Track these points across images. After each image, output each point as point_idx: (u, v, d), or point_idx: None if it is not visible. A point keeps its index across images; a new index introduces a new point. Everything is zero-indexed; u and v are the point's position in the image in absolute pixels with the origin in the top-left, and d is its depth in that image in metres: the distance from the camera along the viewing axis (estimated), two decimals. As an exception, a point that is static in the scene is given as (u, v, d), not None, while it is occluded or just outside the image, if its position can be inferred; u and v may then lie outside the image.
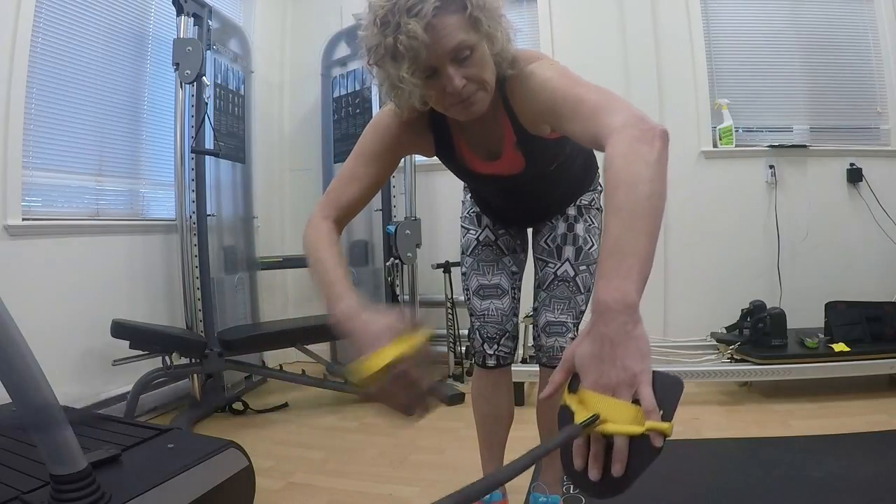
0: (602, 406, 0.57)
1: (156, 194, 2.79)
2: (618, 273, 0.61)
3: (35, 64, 2.12)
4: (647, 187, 0.65)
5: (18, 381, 0.98)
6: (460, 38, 0.83)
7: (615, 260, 0.62)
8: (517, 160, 1.06)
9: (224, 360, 2.39)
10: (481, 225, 1.38)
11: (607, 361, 0.59)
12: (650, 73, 3.03)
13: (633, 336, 0.59)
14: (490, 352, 1.36)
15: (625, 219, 0.64)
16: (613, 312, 0.60)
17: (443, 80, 0.85)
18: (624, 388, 0.57)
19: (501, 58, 0.90)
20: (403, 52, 0.81)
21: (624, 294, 0.60)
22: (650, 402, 0.56)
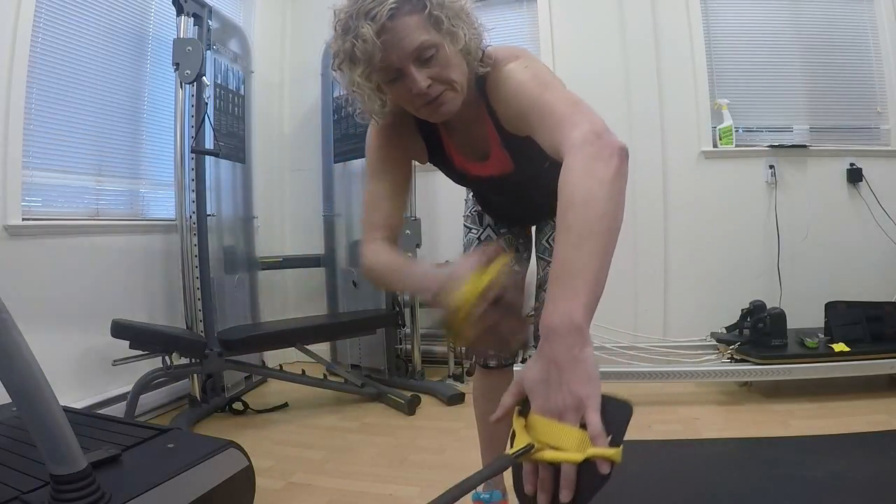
0: (547, 431, 0.56)
1: (156, 194, 2.79)
2: (564, 295, 0.60)
3: (35, 64, 2.12)
4: (600, 206, 0.63)
5: (18, 381, 0.98)
6: (421, 39, 0.82)
7: (562, 282, 0.61)
8: (505, 160, 1.06)
9: (224, 360, 2.39)
10: (483, 224, 1.38)
11: (553, 385, 0.57)
12: (650, 74, 3.03)
13: (579, 359, 0.57)
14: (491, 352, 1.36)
15: (573, 239, 0.62)
16: (559, 335, 0.58)
17: (407, 81, 0.85)
18: (570, 413, 0.56)
19: (470, 55, 0.89)
20: (359, 55, 0.81)
21: (569, 316, 0.58)
22: (596, 428, 0.54)
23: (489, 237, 1.37)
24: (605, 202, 0.63)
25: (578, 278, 0.60)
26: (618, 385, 2.58)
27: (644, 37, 3.04)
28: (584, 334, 0.59)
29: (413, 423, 2.36)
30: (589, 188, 0.64)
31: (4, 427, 1.55)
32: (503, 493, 1.47)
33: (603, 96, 2.99)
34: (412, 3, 0.82)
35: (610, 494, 1.74)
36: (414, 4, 0.82)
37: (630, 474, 1.71)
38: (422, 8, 0.82)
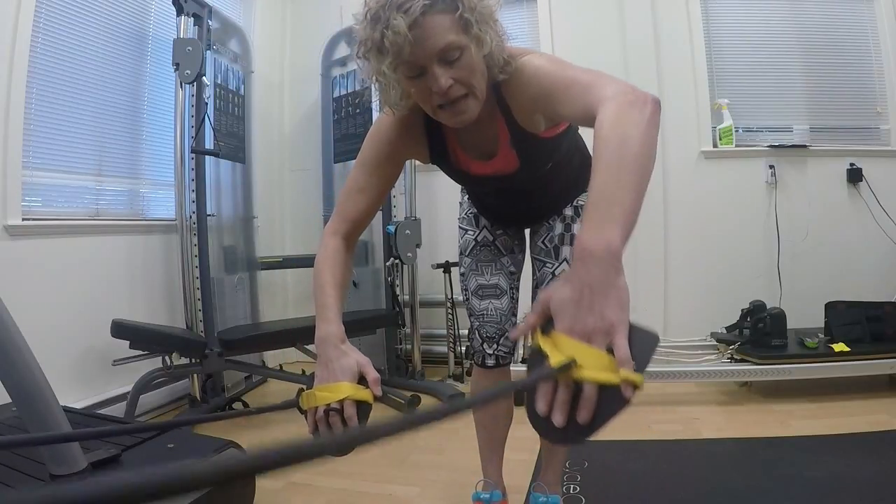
0: (576, 351, 0.55)
1: (156, 194, 2.79)
2: (602, 220, 0.59)
3: (35, 64, 2.12)
4: (636, 146, 0.64)
5: (18, 381, 0.98)
6: (449, 40, 0.83)
7: (601, 208, 0.61)
8: (512, 159, 1.06)
9: (224, 360, 2.39)
10: (479, 226, 1.39)
11: (585, 308, 0.57)
12: (650, 74, 3.02)
13: (614, 285, 0.57)
14: (489, 351, 1.36)
15: (612, 172, 0.63)
16: (596, 259, 0.57)
17: (429, 79, 0.85)
18: (599, 336, 0.56)
19: (492, 62, 0.90)
20: (388, 46, 0.81)
21: (608, 241, 0.58)
22: (625, 353, 0.54)
23: (485, 238, 1.37)
24: (640, 145, 0.65)
25: (616, 207, 0.60)
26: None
27: (644, 37, 3.04)
28: (620, 261, 0.58)
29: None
30: (625, 130, 0.66)
31: (4, 427, 1.55)
32: (503, 493, 1.47)
33: (603, 96, 2.99)
34: (445, 1, 0.82)
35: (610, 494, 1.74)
36: (447, 4, 0.82)
37: (630, 474, 1.71)
38: (454, 9, 0.83)
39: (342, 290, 0.96)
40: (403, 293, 2.99)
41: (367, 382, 0.85)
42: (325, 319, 0.90)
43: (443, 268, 2.96)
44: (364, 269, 3.06)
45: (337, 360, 0.85)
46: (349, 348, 0.87)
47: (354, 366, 0.84)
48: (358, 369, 0.84)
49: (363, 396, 0.82)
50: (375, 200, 1.05)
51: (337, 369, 0.84)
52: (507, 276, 1.37)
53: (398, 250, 2.71)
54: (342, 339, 0.88)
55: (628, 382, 0.52)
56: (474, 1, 0.84)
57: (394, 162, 1.06)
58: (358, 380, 0.84)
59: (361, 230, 1.06)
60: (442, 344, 3.06)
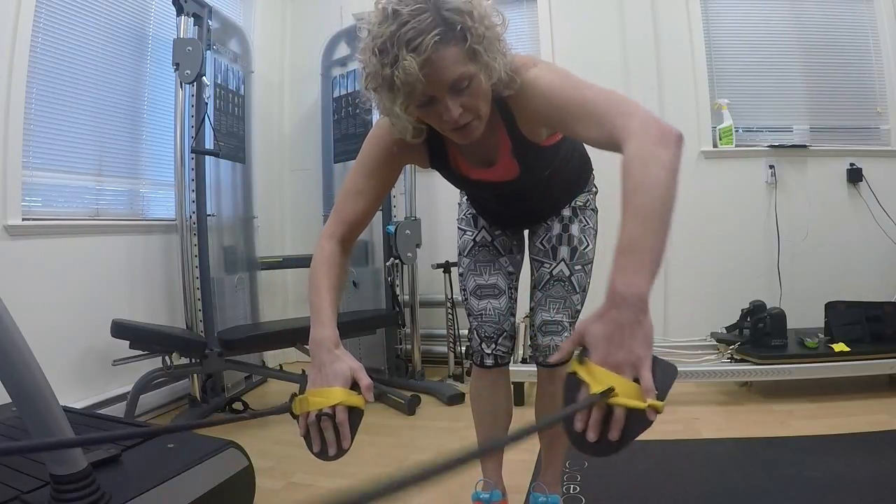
0: (609, 380, 0.65)
1: (156, 194, 2.79)
2: (633, 268, 0.67)
3: (35, 64, 2.12)
4: (664, 191, 0.70)
5: (18, 381, 0.98)
6: (460, 72, 0.83)
7: (631, 256, 0.68)
8: (512, 167, 1.06)
9: (224, 360, 2.39)
10: (478, 226, 1.39)
11: (616, 343, 0.66)
12: (650, 74, 3.03)
13: (642, 325, 0.66)
14: (488, 351, 1.37)
15: (641, 220, 0.70)
16: (627, 303, 0.66)
17: (440, 108, 0.86)
18: (628, 368, 0.65)
19: (499, 83, 0.90)
20: (399, 86, 0.81)
21: (638, 287, 0.67)
22: (649, 383, 0.64)
23: (484, 238, 1.38)
24: (667, 188, 0.71)
25: (645, 254, 0.68)
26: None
27: (644, 37, 3.04)
28: (647, 304, 0.67)
29: (413, 423, 2.36)
30: (655, 174, 0.71)
31: (4, 427, 1.55)
32: (503, 493, 1.47)
33: (603, 96, 2.99)
34: (454, 33, 0.80)
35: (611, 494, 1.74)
36: (455, 35, 0.80)
37: (630, 474, 1.71)
38: (462, 39, 0.81)
39: (337, 292, 0.97)
40: (403, 293, 2.98)
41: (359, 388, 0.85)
42: (319, 323, 0.90)
43: (443, 268, 2.96)
44: (364, 269, 3.06)
45: (330, 364, 0.85)
46: (342, 353, 0.88)
47: (347, 371, 0.85)
48: (351, 374, 0.85)
49: (355, 402, 0.83)
50: (373, 203, 1.05)
51: (330, 374, 0.84)
52: (505, 276, 1.37)
53: (398, 250, 2.71)
54: (336, 343, 0.88)
55: (652, 408, 0.63)
56: (482, 29, 0.83)
57: (392, 166, 1.06)
58: (351, 385, 0.85)
59: (359, 232, 1.06)
60: (442, 344, 3.06)
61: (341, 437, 0.82)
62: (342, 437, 0.82)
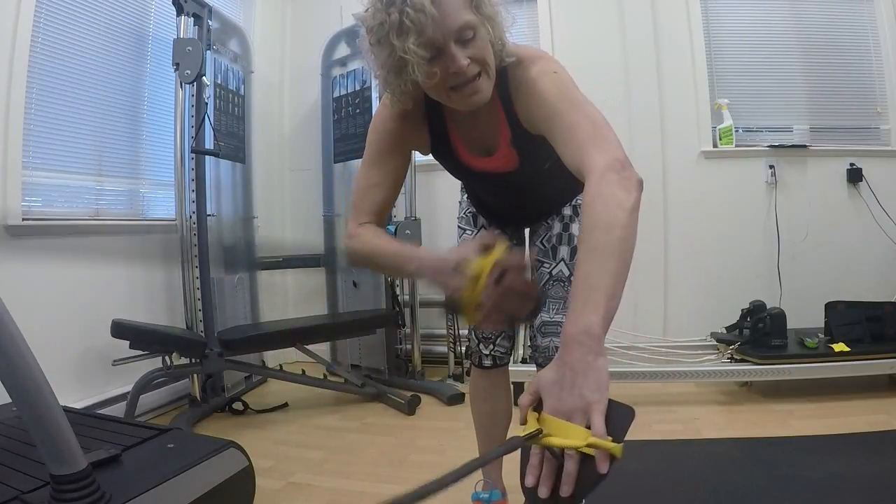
0: (555, 427, 0.61)
1: (156, 194, 2.79)
2: (585, 307, 0.65)
3: (35, 64, 2.12)
4: (621, 231, 0.69)
5: (18, 381, 0.98)
6: (466, 18, 0.84)
7: (584, 295, 0.66)
8: (511, 157, 1.06)
9: (224, 360, 2.39)
10: (477, 225, 1.39)
11: (566, 388, 0.62)
12: (650, 73, 3.03)
13: (593, 367, 0.62)
14: (486, 352, 1.37)
15: (597, 258, 0.68)
16: (577, 344, 0.63)
17: (446, 59, 0.85)
18: (578, 414, 0.60)
19: (500, 42, 0.91)
20: (410, 24, 0.81)
21: (588, 327, 0.63)
22: (599, 429, 0.59)
23: None
24: (625, 229, 0.70)
25: (599, 293, 0.65)
26: (618, 385, 2.57)
27: (644, 36, 3.04)
28: (600, 345, 0.63)
29: (413, 423, 2.37)
30: (614, 214, 0.70)
31: (4, 427, 1.55)
32: (503, 492, 1.47)
33: (603, 96, 2.98)
34: None
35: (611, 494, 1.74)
36: None
37: (630, 474, 1.71)
38: None
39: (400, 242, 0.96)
40: (403, 293, 2.99)
41: None
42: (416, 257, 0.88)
43: (443, 268, 2.96)
44: (364, 268, 3.06)
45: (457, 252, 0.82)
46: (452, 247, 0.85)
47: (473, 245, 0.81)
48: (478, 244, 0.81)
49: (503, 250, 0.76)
50: (391, 192, 1.04)
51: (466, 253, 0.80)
52: (505, 276, 1.37)
53: (398, 250, 2.70)
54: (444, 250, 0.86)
55: (602, 452, 0.58)
56: None
57: (399, 151, 1.05)
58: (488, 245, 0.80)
59: (383, 224, 1.05)
60: (442, 344, 3.06)
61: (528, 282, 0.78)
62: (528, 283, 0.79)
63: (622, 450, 0.58)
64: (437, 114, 1.04)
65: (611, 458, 0.58)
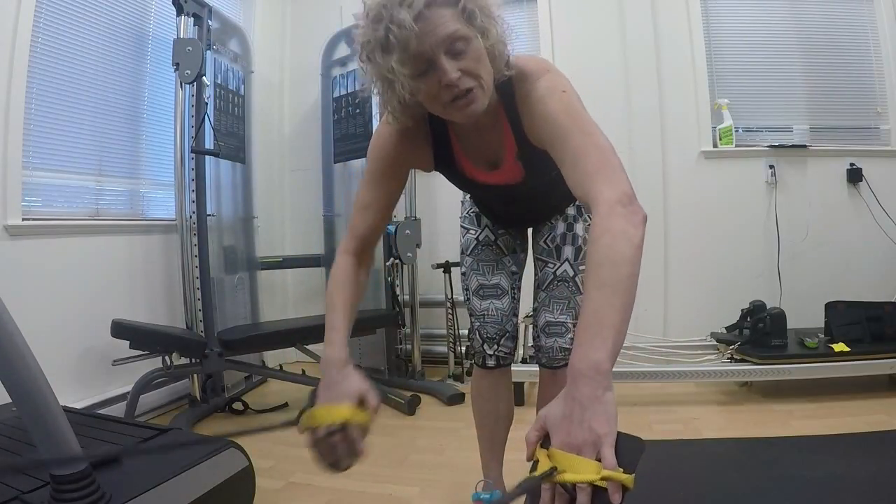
0: (566, 462, 0.61)
1: (156, 194, 2.79)
2: (593, 344, 0.66)
3: (35, 64, 2.12)
4: (629, 268, 0.70)
5: (18, 381, 0.98)
6: (454, 28, 0.82)
7: (592, 331, 0.67)
8: (517, 171, 1.06)
9: (224, 360, 2.39)
10: (481, 225, 1.38)
11: (576, 423, 0.62)
12: (650, 73, 3.03)
13: (601, 401, 0.63)
14: (490, 352, 1.36)
15: (606, 294, 0.69)
16: (586, 378, 0.63)
17: (438, 73, 0.83)
18: (588, 448, 0.61)
19: (498, 55, 0.89)
20: (394, 42, 0.80)
21: (597, 363, 0.64)
22: (610, 462, 0.59)
23: (487, 237, 1.37)
24: (633, 265, 0.71)
25: (607, 329, 0.66)
26: (618, 385, 2.56)
27: (644, 37, 3.04)
28: (608, 379, 0.64)
29: (413, 423, 2.36)
30: (622, 250, 0.71)
31: (4, 427, 1.55)
32: (503, 493, 1.47)
33: (603, 96, 2.99)
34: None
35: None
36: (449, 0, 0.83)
37: (630, 474, 1.71)
38: (456, 1, 0.83)
39: (352, 308, 0.98)
40: (403, 293, 2.99)
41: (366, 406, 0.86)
42: (330, 343, 0.93)
43: (443, 268, 2.96)
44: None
45: (339, 383, 0.86)
46: (351, 373, 0.88)
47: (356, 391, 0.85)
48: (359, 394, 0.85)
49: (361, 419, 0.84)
50: (381, 216, 1.05)
51: (339, 393, 0.85)
52: (508, 275, 1.37)
53: (398, 250, 2.71)
54: (345, 363, 0.89)
55: (614, 484, 0.58)
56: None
57: (396, 175, 1.05)
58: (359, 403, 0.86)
59: (372, 245, 1.06)
60: (442, 344, 3.06)
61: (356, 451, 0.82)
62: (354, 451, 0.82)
63: (634, 480, 0.59)
64: (440, 130, 1.03)
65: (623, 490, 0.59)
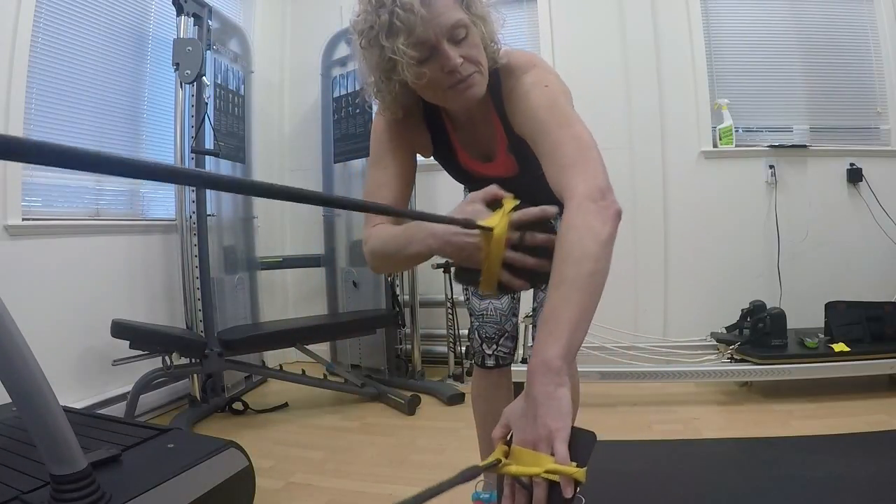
0: (522, 458, 0.63)
1: (156, 194, 2.79)
2: (546, 341, 0.67)
3: (35, 64, 2.12)
4: (592, 265, 0.69)
5: (18, 381, 0.98)
6: (457, 17, 0.84)
7: (547, 329, 0.68)
8: (511, 164, 1.06)
9: (224, 360, 2.39)
10: (480, 224, 1.38)
11: (531, 419, 0.64)
12: (650, 73, 3.03)
13: (554, 397, 0.64)
14: (489, 352, 1.36)
15: (564, 291, 0.69)
16: (538, 376, 0.65)
17: (440, 59, 0.85)
18: (542, 443, 0.63)
19: (492, 43, 0.92)
20: (400, 24, 0.81)
21: (548, 360, 0.65)
22: (561, 455, 0.61)
23: None
24: (597, 261, 0.70)
25: (562, 325, 0.67)
26: (618, 385, 2.58)
27: (644, 37, 3.04)
28: (561, 375, 0.65)
29: (413, 423, 2.37)
30: (586, 246, 0.70)
31: (4, 427, 1.55)
32: (503, 493, 1.47)
33: (603, 96, 3.00)
34: None
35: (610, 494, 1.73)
36: None
37: (630, 474, 1.71)
38: None
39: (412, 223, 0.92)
40: (403, 293, 2.99)
41: None
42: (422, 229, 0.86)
43: (443, 268, 2.96)
44: (364, 269, 3.06)
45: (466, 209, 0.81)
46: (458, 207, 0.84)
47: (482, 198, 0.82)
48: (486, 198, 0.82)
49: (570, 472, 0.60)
50: (400, 190, 1.01)
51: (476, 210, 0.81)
52: (507, 275, 1.37)
53: (398, 250, 2.70)
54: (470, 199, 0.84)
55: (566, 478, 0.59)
56: None
57: (403, 154, 1.03)
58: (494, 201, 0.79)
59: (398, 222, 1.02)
60: (442, 344, 3.06)
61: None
62: None
63: (585, 474, 0.60)
64: (436, 120, 1.04)
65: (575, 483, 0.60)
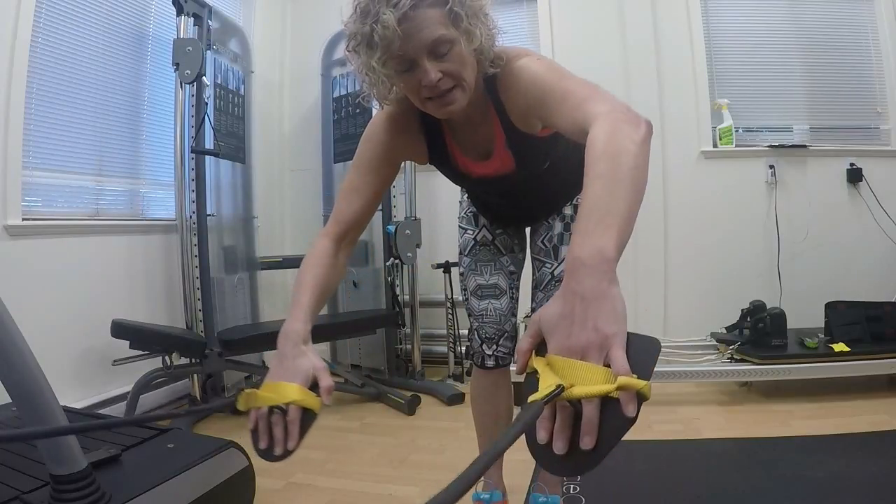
0: (569, 370, 0.51)
1: (156, 194, 2.79)
2: (595, 230, 0.56)
3: (35, 64, 2.12)
4: (631, 160, 0.62)
5: (18, 381, 0.98)
6: (439, 33, 0.83)
7: (594, 218, 0.57)
8: (508, 160, 1.06)
9: (224, 360, 2.39)
10: (479, 224, 1.38)
11: (578, 322, 0.53)
12: (650, 73, 3.03)
13: (607, 295, 0.53)
14: (488, 352, 1.36)
15: (606, 184, 0.60)
16: (588, 268, 0.54)
17: (418, 73, 0.85)
18: (594, 351, 0.51)
19: (482, 55, 0.91)
20: (377, 41, 0.81)
21: (600, 248, 0.54)
22: (622, 365, 0.49)
23: (485, 237, 1.37)
24: (635, 158, 0.63)
25: (611, 216, 0.57)
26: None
27: (644, 37, 3.04)
28: (613, 271, 0.55)
29: (413, 423, 2.37)
30: (620, 144, 0.64)
31: (4, 427, 1.55)
32: (503, 493, 1.47)
33: (603, 96, 2.99)
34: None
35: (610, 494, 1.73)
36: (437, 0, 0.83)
37: (630, 474, 1.71)
38: (443, 3, 0.83)
39: (320, 290, 0.94)
40: (403, 293, 2.98)
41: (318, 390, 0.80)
42: (292, 317, 0.89)
43: (443, 268, 2.96)
44: (364, 269, 3.06)
45: (293, 359, 0.82)
46: (309, 349, 0.84)
47: (310, 369, 0.80)
48: (312, 373, 0.80)
49: (310, 403, 0.76)
50: (370, 201, 1.04)
51: (290, 369, 0.81)
52: (506, 275, 1.37)
53: (398, 250, 2.71)
54: (304, 339, 0.85)
55: (629, 393, 0.48)
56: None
57: (389, 163, 1.05)
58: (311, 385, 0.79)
59: (357, 231, 1.04)
60: (442, 344, 3.06)
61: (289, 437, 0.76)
62: (290, 436, 0.76)
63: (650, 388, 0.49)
64: (433, 122, 1.04)
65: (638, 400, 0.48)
